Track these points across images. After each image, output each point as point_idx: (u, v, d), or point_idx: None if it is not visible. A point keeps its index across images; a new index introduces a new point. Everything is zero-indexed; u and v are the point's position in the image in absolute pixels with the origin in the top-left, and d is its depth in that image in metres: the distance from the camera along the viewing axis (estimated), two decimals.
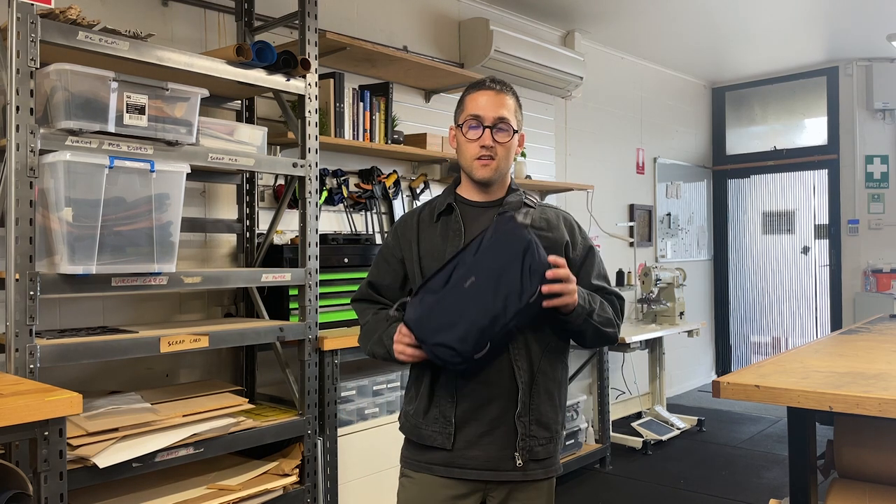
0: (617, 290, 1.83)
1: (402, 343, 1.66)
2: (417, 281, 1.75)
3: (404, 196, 3.96)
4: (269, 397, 3.09)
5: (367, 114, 3.50)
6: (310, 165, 2.78)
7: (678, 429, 5.22)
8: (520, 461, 1.67)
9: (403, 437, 1.81)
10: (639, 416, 5.58)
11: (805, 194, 6.84)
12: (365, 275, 1.92)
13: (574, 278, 1.63)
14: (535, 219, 1.74)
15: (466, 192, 1.80)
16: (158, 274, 2.30)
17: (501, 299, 1.58)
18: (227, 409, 2.53)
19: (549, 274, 1.58)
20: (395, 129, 3.69)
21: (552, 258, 1.60)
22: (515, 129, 1.75)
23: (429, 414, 1.70)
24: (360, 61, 3.60)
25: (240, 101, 3.12)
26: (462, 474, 1.68)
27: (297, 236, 3.03)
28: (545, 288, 1.57)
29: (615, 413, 5.27)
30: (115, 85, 2.17)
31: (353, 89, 3.44)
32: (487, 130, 1.70)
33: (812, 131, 6.74)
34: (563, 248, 1.75)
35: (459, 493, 1.69)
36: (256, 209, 3.17)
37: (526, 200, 1.78)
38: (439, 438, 1.68)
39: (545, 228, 1.75)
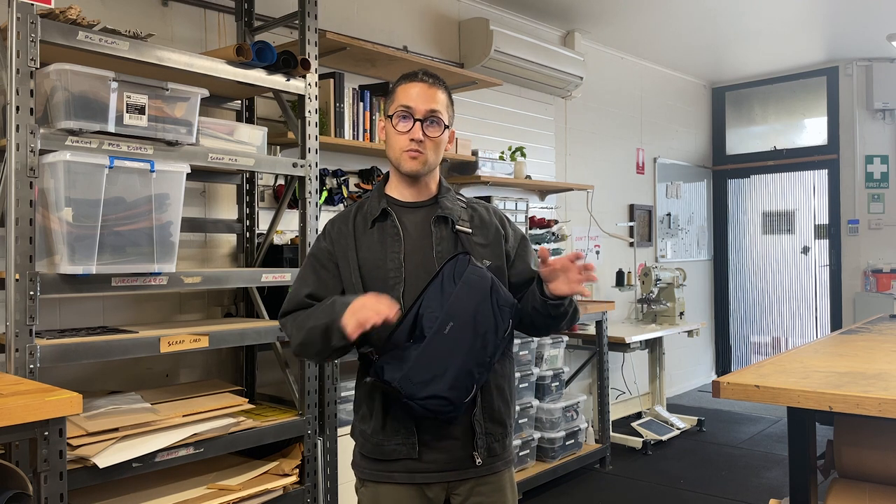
0: None
1: (368, 309, 1.50)
2: (354, 290, 1.65)
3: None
4: (269, 397, 3.09)
5: (367, 114, 3.50)
6: (310, 165, 2.78)
7: (678, 429, 5.22)
8: (479, 459, 1.67)
9: (358, 451, 1.75)
10: (639, 416, 5.58)
11: (805, 194, 6.84)
12: None
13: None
14: (474, 223, 1.75)
15: (397, 191, 1.75)
16: (158, 274, 2.30)
17: (481, 339, 1.58)
18: (227, 409, 2.53)
19: (546, 266, 1.60)
20: None
21: (540, 250, 1.62)
22: (447, 123, 1.72)
23: (386, 428, 1.65)
24: (360, 61, 3.60)
25: (240, 101, 3.12)
26: (425, 479, 1.66)
27: (297, 236, 3.03)
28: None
29: (615, 413, 5.27)
30: (115, 85, 2.17)
31: (353, 89, 3.44)
32: (418, 123, 1.67)
33: (812, 131, 6.74)
34: (502, 241, 1.76)
35: (423, 496, 1.67)
36: (256, 209, 3.17)
37: (459, 200, 1.77)
38: (404, 450, 1.64)
39: (480, 227, 1.75)
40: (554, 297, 1.62)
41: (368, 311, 1.50)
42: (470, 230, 1.73)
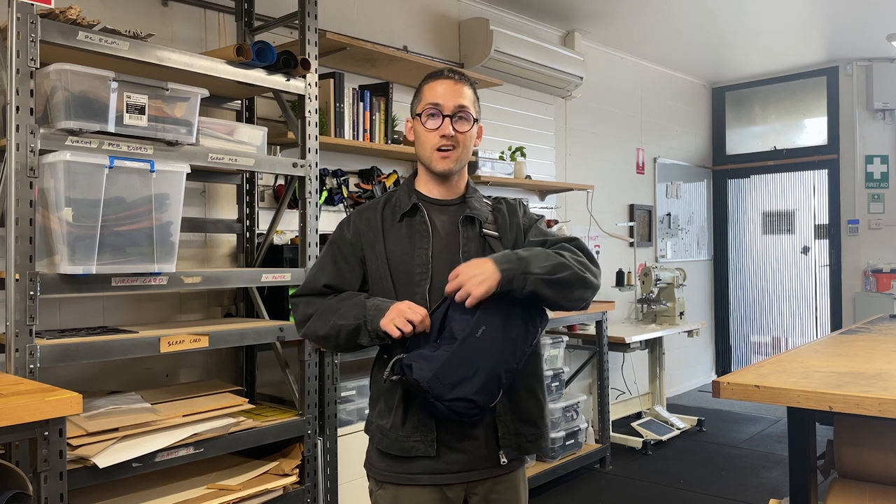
0: (568, 237, 1.75)
1: (405, 318, 1.53)
2: (382, 284, 1.66)
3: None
4: (269, 397, 3.09)
5: (367, 114, 3.50)
6: (310, 165, 2.78)
7: (678, 429, 5.22)
8: (504, 459, 1.66)
9: (374, 448, 1.73)
10: (639, 416, 5.58)
11: (805, 194, 6.84)
12: None
13: (463, 265, 1.57)
14: (498, 224, 1.75)
15: (426, 187, 1.75)
16: (158, 274, 2.30)
17: (511, 344, 1.58)
18: (227, 409, 2.53)
19: (450, 279, 1.56)
20: (395, 129, 3.69)
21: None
22: (475, 118, 1.72)
23: (406, 424, 1.63)
24: (360, 61, 3.60)
25: (240, 101, 3.12)
26: (446, 479, 1.65)
27: (297, 236, 3.03)
28: (456, 294, 1.54)
29: (615, 413, 5.27)
30: (115, 85, 2.17)
31: (353, 89, 3.44)
32: (447, 119, 1.66)
33: (812, 131, 6.74)
34: (522, 238, 1.75)
35: (444, 497, 1.66)
36: (256, 209, 3.17)
37: (485, 201, 1.78)
38: (422, 447, 1.63)
39: (504, 229, 1.74)
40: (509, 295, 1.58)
41: (403, 320, 1.54)
42: (496, 233, 1.73)
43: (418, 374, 1.53)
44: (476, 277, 1.53)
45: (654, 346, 5.44)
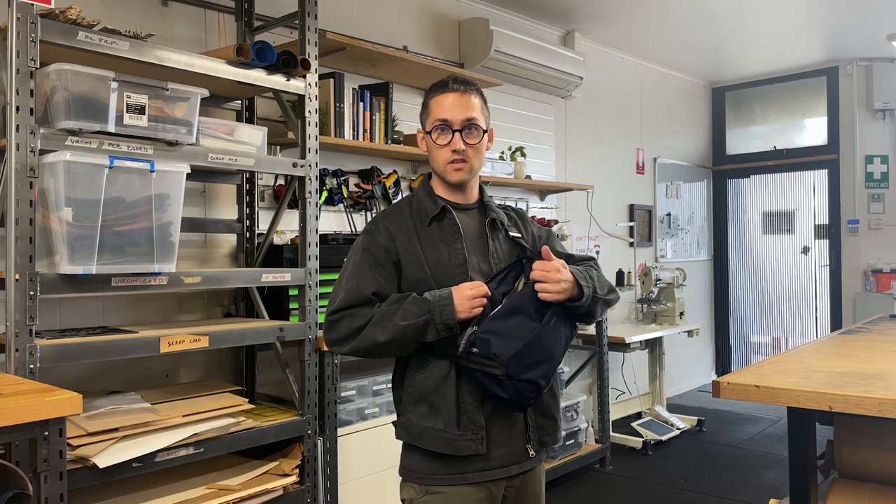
0: (588, 256, 1.87)
1: (474, 298, 1.59)
2: (424, 286, 1.66)
3: (404, 196, 3.96)
4: (269, 397, 3.09)
5: (367, 114, 3.50)
6: (310, 165, 2.78)
7: (678, 429, 5.22)
8: (532, 452, 1.72)
9: (419, 452, 1.68)
10: (639, 416, 5.58)
11: (805, 194, 6.84)
12: None
13: (559, 266, 1.64)
14: (518, 227, 1.82)
15: (444, 193, 1.77)
16: (158, 274, 2.30)
17: (565, 342, 1.68)
18: (227, 409, 2.53)
19: (537, 268, 1.62)
20: (395, 129, 3.69)
21: (544, 249, 1.65)
22: (484, 128, 1.74)
23: (460, 423, 1.63)
24: (360, 61, 3.60)
25: (240, 101, 3.12)
26: (493, 475, 1.68)
27: (297, 236, 3.03)
28: (540, 286, 1.61)
29: (615, 413, 5.27)
30: (115, 85, 2.17)
31: (353, 89, 3.44)
32: (457, 134, 1.69)
33: (812, 131, 6.74)
34: (538, 244, 1.81)
35: (490, 494, 1.69)
36: (256, 209, 3.17)
37: (498, 206, 1.84)
38: (473, 446, 1.63)
39: (523, 233, 1.82)
40: (570, 302, 1.66)
41: (475, 301, 1.59)
42: (519, 235, 1.80)
43: (498, 350, 1.55)
44: (561, 283, 1.62)
45: (654, 346, 5.44)
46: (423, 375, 1.67)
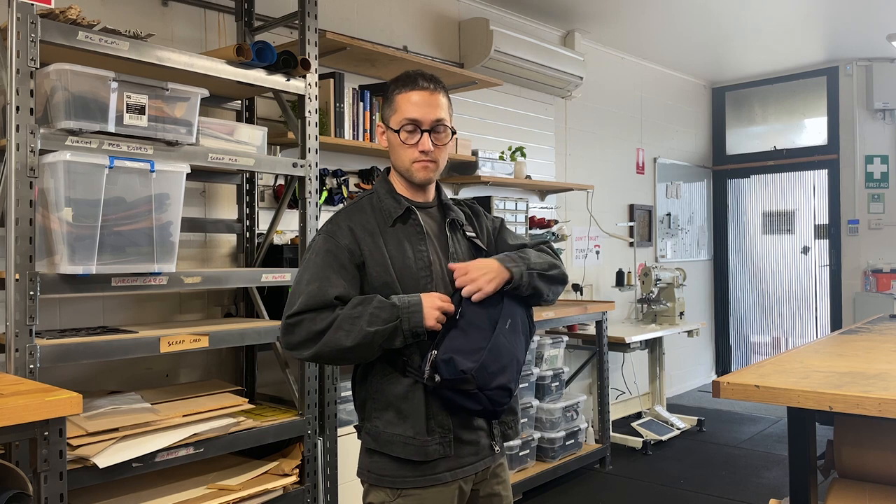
0: (540, 241, 1.89)
1: (441, 310, 1.58)
2: (388, 289, 1.63)
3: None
4: (269, 397, 3.09)
5: (367, 114, 3.50)
6: (310, 165, 2.78)
7: (678, 429, 5.22)
8: (497, 448, 1.75)
9: (387, 457, 1.66)
10: (639, 416, 5.58)
11: (805, 194, 6.85)
12: None
13: (470, 263, 1.68)
14: (473, 226, 1.84)
15: (404, 191, 1.75)
16: (158, 274, 2.30)
17: (524, 339, 1.70)
18: (227, 409, 2.53)
19: (457, 277, 1.65)
20: None
21: (450, 266, 1.68)
22: (451, 128, 1.74)
23: (429, 428, 1.63)
24: (360, 61, 3.60)
25: (240, 101, 3.12)
26: (464, 473, 1.69)
27: (297, 236, 3.03)
28: (464, 291, 1.63)
29: (615, 413, 5.27)
30: (115, 85, 2.17)
31: (353, 89, 3.44)
32: (426, 134, 1.66)
33: (812, 131, 6.74)
34: (492, 239, 1.85)
35: (461, 490, 1.71)
36: (256, 209, 3.17)
37: (455, 203, 1.85)
38: (442, 449, 1.64)
39: (479, 231, 1.83)
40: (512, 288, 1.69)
41: (440, 314, 1.59)
42: (475, 234, 1.81)
43: (463, 366, 1.56)
44: (487, 275, 1.64)
45: (654, 346, 5.44)
46: (390, 381, 1.65)
